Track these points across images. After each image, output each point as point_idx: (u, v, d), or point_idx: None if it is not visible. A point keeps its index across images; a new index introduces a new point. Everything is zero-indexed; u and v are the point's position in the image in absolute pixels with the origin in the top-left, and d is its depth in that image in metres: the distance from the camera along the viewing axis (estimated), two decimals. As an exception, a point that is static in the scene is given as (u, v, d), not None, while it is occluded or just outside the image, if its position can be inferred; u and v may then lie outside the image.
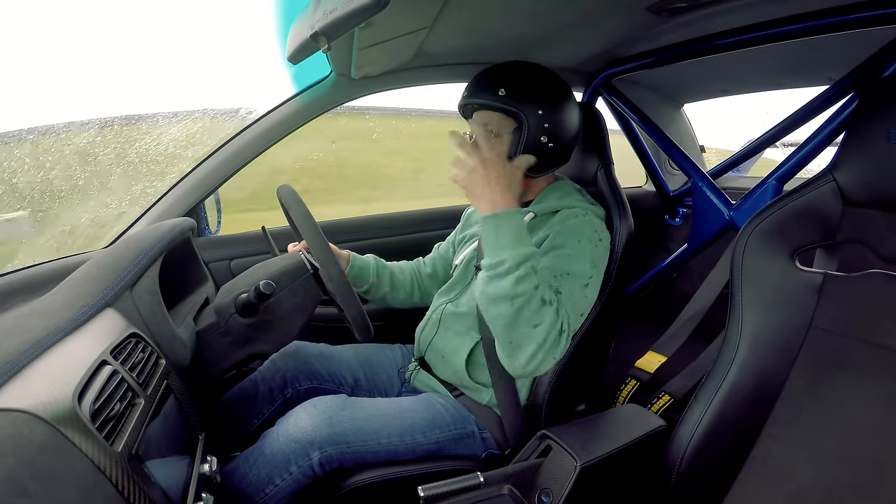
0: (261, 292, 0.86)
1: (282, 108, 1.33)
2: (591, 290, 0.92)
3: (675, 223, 1.99)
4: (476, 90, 1.00)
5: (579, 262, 0.92)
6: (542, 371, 0.85)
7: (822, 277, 0.72)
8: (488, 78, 0.99)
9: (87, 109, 1.95)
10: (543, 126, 0.98)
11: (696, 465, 0.76)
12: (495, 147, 0.98)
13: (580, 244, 0.93)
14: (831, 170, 0.72)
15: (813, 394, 0.69)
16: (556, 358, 0.84)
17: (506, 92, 0.96)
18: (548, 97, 0.99)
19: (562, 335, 0.84)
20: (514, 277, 0.80)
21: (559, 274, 0.90)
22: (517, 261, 0.80)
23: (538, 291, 0.81)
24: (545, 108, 0.98)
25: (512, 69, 1.01)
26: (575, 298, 0.90)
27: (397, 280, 1.25)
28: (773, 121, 1.41)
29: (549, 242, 0.95)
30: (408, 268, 1.30)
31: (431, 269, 1.30)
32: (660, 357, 1.52)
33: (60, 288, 0.73)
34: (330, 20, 0.71)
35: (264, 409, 1.08)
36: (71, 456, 0.46)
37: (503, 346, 0.85)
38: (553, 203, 1.02)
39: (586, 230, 0.95)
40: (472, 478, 0.78)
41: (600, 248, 0.96)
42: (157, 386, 0.67)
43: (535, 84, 0.99)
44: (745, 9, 1.07)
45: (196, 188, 1.29)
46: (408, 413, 0.98)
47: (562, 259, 0.92)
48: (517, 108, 0.96)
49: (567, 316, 0.85)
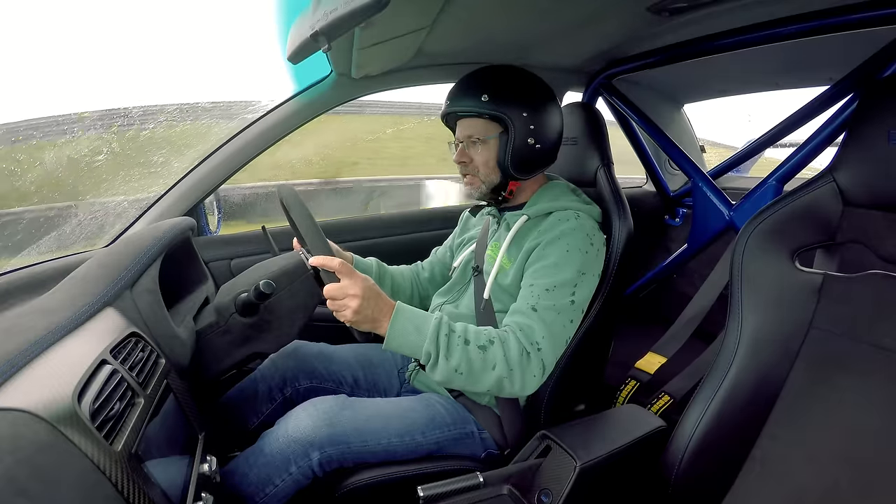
0: (261, 292, 0.86)
1: (282, 108, 1.33)
2: (579, 295, 0.93)
3: (676, 223, 1.99)
4: (458, 98, 1.01)
5: (565, 270, 0.93)
6: (535, 385, 0.89)
7: (822, 278, 0.72)
8: (469, 85, 1.00)
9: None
10: (529, 128, 0.99)
11: (695, 466, 0.76)
12: (483, 154, 0.99)
13: (568, 253, 0.94)
14: (831, 170, 0.72)
15: (813, 394, 0.69)
16: (539, 373, 0.88)
17: (488, 97, 0.97)
18: (530, 98, 1.00)
19: (528, 354, 0.87)
20: (444, 357, 0.84)
21: (543, 290, 0.92)
22: (435, 345, 0.84)
23: (469, 347, 0.86)
24: (529, 110, 0.98)
25: (491, 74, 1.01)
26: (560, 308, 0.91)
27: (398, 284, 1.26)
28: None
29: (538, 253, 0.96)
30: (408, 272, 1.31)
31: (429, 273, 1.31)
32: (660, 358, 1.52)
33: (60, 287, 0.73)
34: (330, 20, 0.71)
35: (264, 409, 1.08)
36: (70, 455, 0.46)
37: (490, 393, 0.89)
38: (546, 205, 1.03)
39: (576, 237, 0.95)
40: (472, 478, 0.78)
41: (591, 252, 0.96)
42: (157, 385, 0.67)
43: (516, 86, 1.00)
44: (746, 9, 1.07)
45: (196, 187, 1.29)
46: (408, 413, 0.97)
47: (546, 272, 0.93)
48: (501, 111, 0.97)
49: (544, 330, 0.89)
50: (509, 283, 1.00)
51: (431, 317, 0.88)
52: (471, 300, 1.08)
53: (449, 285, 1.18)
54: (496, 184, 1.04)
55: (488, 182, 1.04)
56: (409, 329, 0.85)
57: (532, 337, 0.89)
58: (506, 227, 1.07)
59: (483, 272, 1.08)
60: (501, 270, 1.02)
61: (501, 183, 1.04)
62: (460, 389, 0.92)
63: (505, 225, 1.08)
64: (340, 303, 0.82)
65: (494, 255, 1.05)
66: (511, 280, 1.00)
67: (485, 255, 1.09)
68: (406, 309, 0.87)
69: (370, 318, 0.83)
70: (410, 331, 0.85)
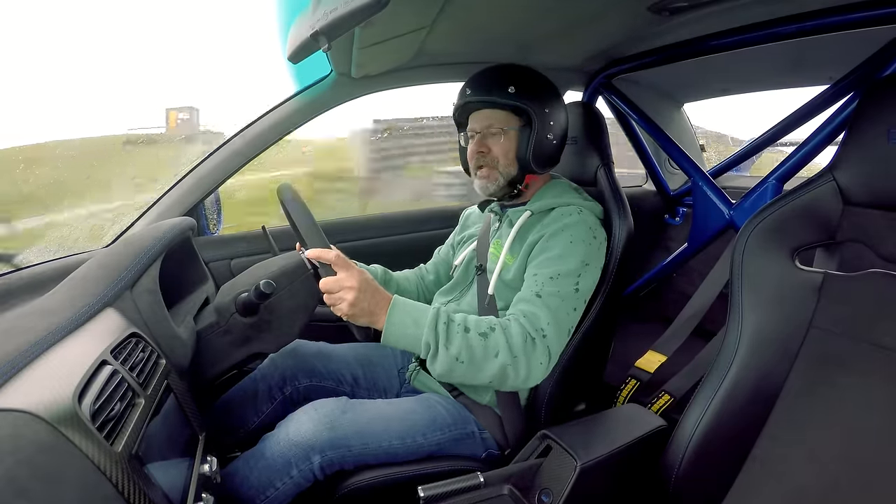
0: (261, 292, 0.85)
1: (282, 108, 1.32)
2: (583, 284, 0.94)
3: (676, 222, 1.99)
4: (482, 88, 1.01)
5: (568, 261, 0.93)
6: (541, 374, 0.88)
7: (822, 277, 0.72)
8: (495, 77, 1.01)
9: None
10: (549, 123, 1.01)
11: (696, 465, 0.76)
12: (503, 145, 0.99)
13: (571, 245, 0.94)
14: (831, 169, 0.72)
15: (813, 393, 0.69)
16: (545, 360, 0.87)
17: (515, 90, 0.98)
18: (550, 96, 1.03)
19: (534, 340, 0.87)
20: (444, 346, 0.84)
21: (548, 279, 0.92)
22: (434, 334, 0.84)
23: (470, 334, 0.85)
24: (549, 106, 1.01)
25: (512, 69, 1.03)
26: (565, 295, 0.91)
27: (403, 289, 1.26)
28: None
29: (541, 245, 0.97)
30: (413, 276, 1.31)
31: (434, 275, 1.31)
32: (660, 356, 1.53)
33: (60, 287, 0.73)
34: (330, 20, 0.70)
35: (264, 407, 1.08)
36: (71, 456, 0.46)
37: (493, 385, 0.88)
38: (549, 201, 1.04)
39: (579, 229, 0.96)
40: (472, 478, 0.78)
41: (594, 245, 0.97)
42: (158, 386, 0.67)
43: (538, 83, 1.02)
44: (746, 8, 1.07)
45: (196, 187, 1.29)
46: (408, 415, 0.97)
47: (550, 262, 0.94)
48: (528, 105, 0.98)
49: (549, 317, 0.88)
50: (512, 277, 1.01)
51: (429, 308, 0.87)
52: (473, 298, 1.08)
53: (451, 285, 1.18)
54: (513, 176, 1.05)
55: (506, 174, 1.04)
56: (406, 322, 0.85)
57: (537, 323, 0.88)
58: (508, 224, 1.07)
59: (486, 270, 1.08)
60: (504, 267, 1.03)
61: (518, 176, 1.05)
62: (462, 382, 0.91)
63: (507, 222, 1.08)
64: (336, 296, 0.82)
65: (497, 253, 1.05)
66: (514, 275, 1.00)
67: (487, 254, 1.09)
68: (403, 301, 0.87)
69: (367, 311, 0.83)
70: (408, 323, 0.85)
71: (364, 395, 1.15)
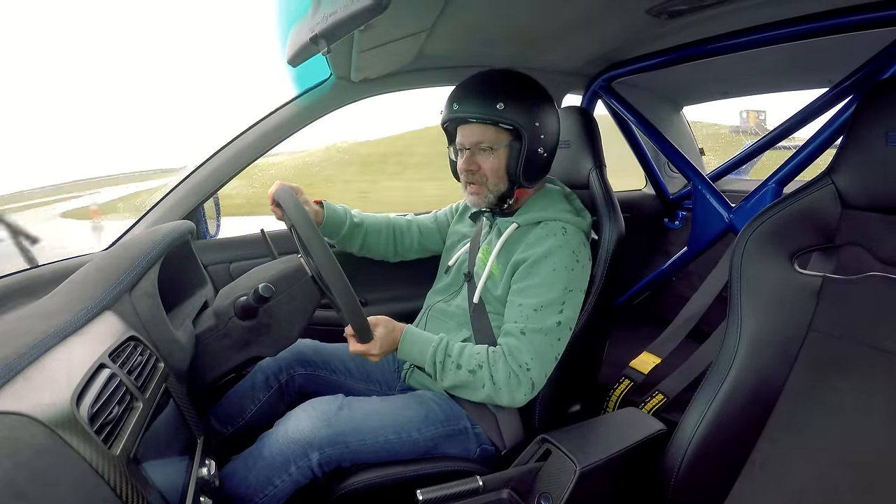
0: (260, 295, 0.85)
1: (281, 111, 1.33)
2: (566, 314, 0.96)
3: (675, 226, 1.99)
4: (469, 103, 0.99)
5: (553, 288, 0.95)
6: (524, 400, 0.95)
7: (821, 280, 0.72)
8: (482, 91, 0.98)
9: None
10: (539, 137, 0.99)
11: (695, 469, 0.76)
12: (492, 162, 1.00)
13: (554, 272, 0.96)
14: (830, 173, 0.72)
15: (812, 397, 0.68)
16: (528, 390, 0.94)
17: (504, 105, 0.95)
18: (540, 107, 1.00)
19: (517, 376, 0.93)
20: (439, 378, 0.97)
21: (532, 311, 0.95)
22: (433, 368, 0.96)
23: (461, 371, 0.95)
24: (539, 119, 0.99)
25: (502, 80, 1.00)
26: (548, 330, 0.94)
27: (368, 245, 1.27)
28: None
29: (525, 270, 0.98)
30: (385, 229, 1.28)
31: (410, 240, 1.31)
32: (654, 358, 1.52)
33: (59, 290, 0.73)
34: (330, 23, 0.71)
35: (260, 396, 1.10)
36: (69, 459, 0.46)
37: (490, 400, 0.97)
38: (537, 214, 1.04)
39: (562, 255, 0.97)
40: (471, 482, 0.78)
41: (577, 269, 0.98)
42: (156, 389, 0.67)
43: (528, 95, 1.00)
44: (745, 11, 1.07)
45: (195, 191, 1.29)
46: (403, 410, 0.99)
47: (534, 292, 0.96)
48: (517, 123, 0.96)
49: (532, 352, 0.93)
50: (500, 294, 1.03)
51: (431, 342, 0.97)
52: (463, 300, 1.10)
53: (444, 285, 1.20)
54: (503, 192, 1.04)
55: (496, 191, 1.04)
56: (413, 352, 0.98)
57: (520, 359, 0.93)
58: (497, 233, 1.08)
59: (474, 276, 1.09)
60: (491, 277, 1.04)
61: (508, 191, 1.04)
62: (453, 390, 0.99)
63: (496, 230, 1.08)
64: (364, 351, 0.94)
65: (485, 260, 1.07)
66: (501, 291, 1.03)
67: (476, 258, 1.10)
68: (410, 335, 0.99)
69: (387, 353, 0.98)
70: (415, 353, 0.98)
71: (358, 386, 1.18)
